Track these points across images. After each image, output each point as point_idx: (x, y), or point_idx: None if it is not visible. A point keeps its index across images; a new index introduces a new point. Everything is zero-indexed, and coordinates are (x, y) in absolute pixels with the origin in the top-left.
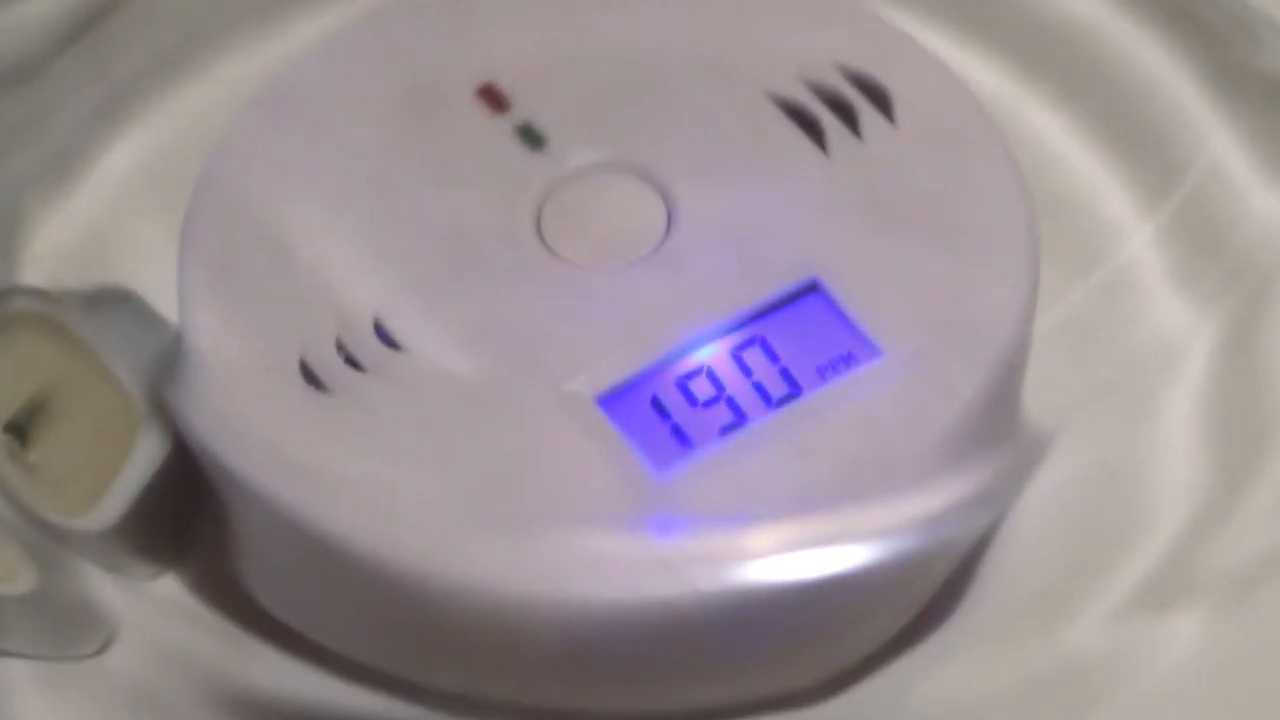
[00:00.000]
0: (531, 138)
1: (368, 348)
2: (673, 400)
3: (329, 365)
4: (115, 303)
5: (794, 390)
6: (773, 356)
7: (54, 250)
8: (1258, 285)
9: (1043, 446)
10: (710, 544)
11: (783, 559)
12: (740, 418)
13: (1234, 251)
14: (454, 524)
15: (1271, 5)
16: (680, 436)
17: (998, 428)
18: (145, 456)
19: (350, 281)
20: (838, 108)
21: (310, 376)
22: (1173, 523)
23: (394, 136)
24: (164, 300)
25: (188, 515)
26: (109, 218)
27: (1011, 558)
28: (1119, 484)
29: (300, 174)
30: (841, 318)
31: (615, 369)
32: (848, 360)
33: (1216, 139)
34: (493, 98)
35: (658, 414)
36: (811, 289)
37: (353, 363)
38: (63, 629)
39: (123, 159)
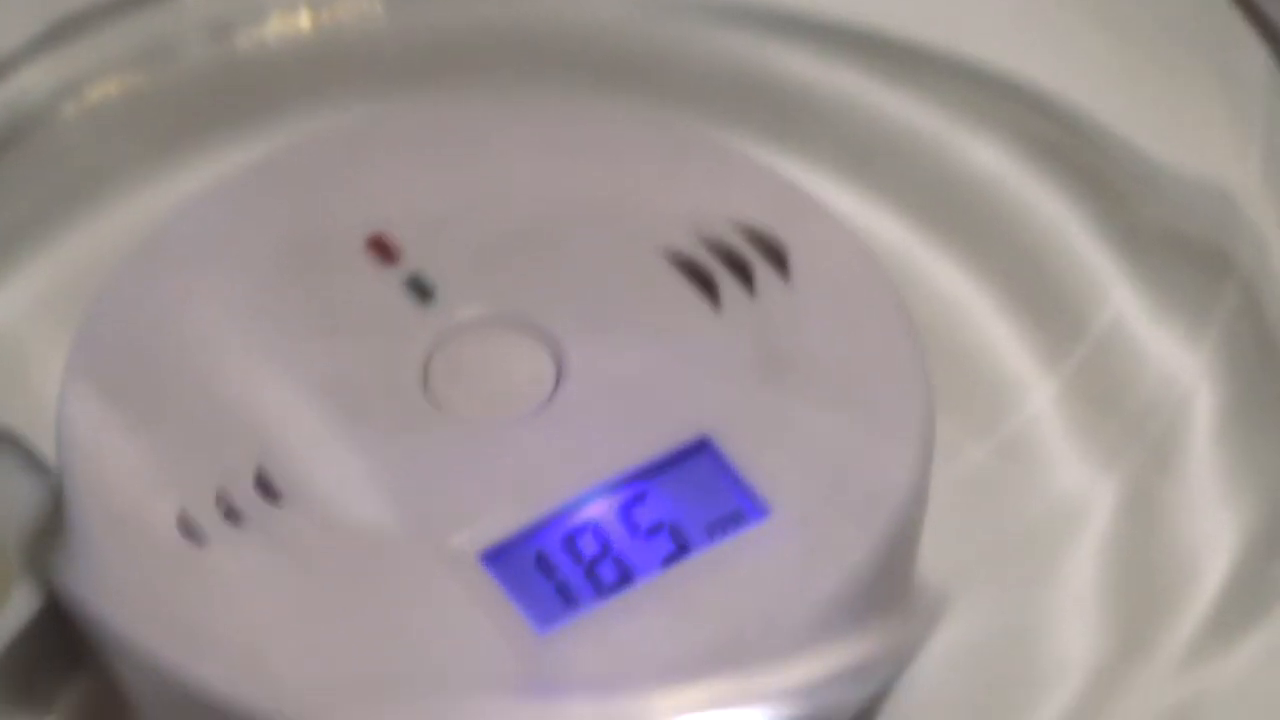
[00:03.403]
0: (421, 290)
1: (248, 500)
2: (558, 557)
3: (208, 518)
4: None
5: (682, 548)
6: (660, 514)
7: None
8: (1158, 442)
9: (936, 612)
10: (594, 706)
11: None
12: (626, 576)
13: (1134, 407)
14: (332, 682)
15: (1173, 158)
16: (565, 595)
17: (890, 591)
18: (16, 610)
19: (232, 433)
20: (732, 264)
21: (189, 529)
22: (1073, 686)
23: (282, 286)
24: (50, 446)
25: (60, 669)
26: None
27: (908, 719)
28: (1019, 645)
29: (185, 322)
30: (731, 476)
31: (499, 525)
32: (736, 519)
33: (1118, 293)
34: (382, 249)
35: (542, 572)
36: (702, 446)
37: (232, 515)
38: None
39: (8, 305)
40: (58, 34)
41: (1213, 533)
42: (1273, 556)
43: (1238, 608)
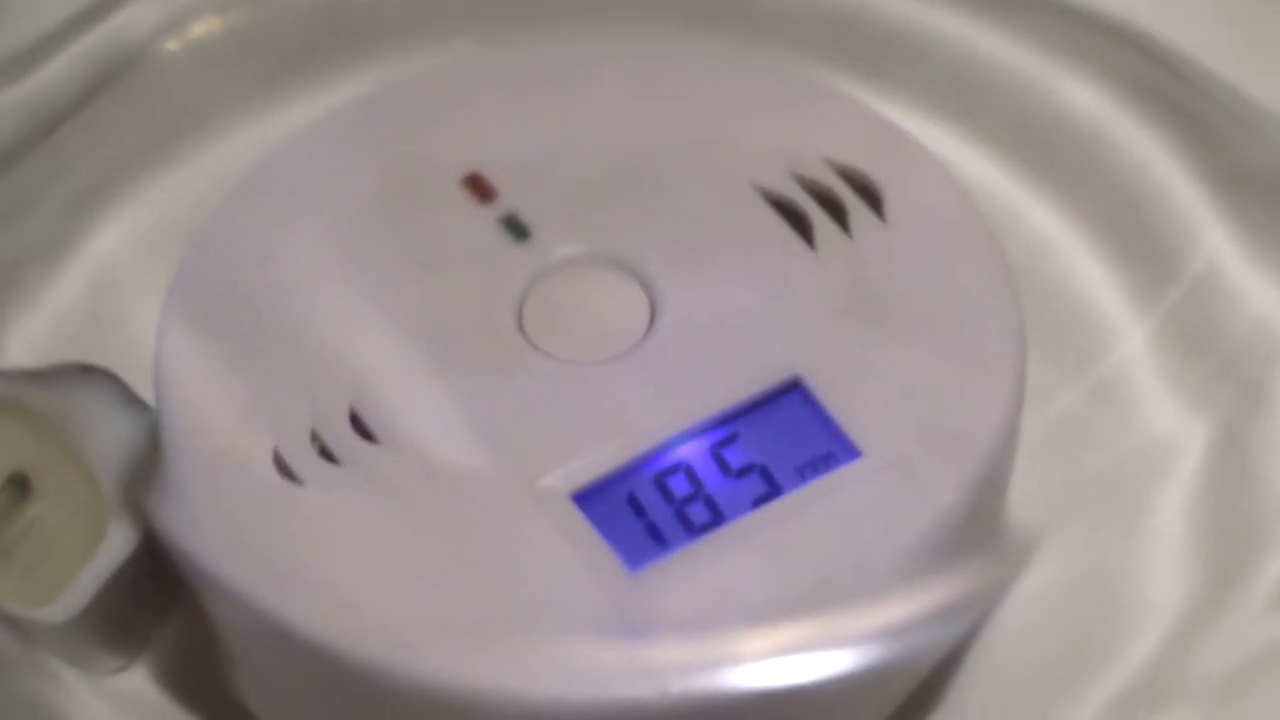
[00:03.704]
0: (516, 229)
1: (343, 440)
2: (649, 498)
3: (303, 457)
4: (94, 386)
5: (772, 489)
6: (752, 455)
7: (39, 334)
8: (1251, 383)
9: (1027, 552)
10: (683, 646)
11: (756, 664)
12: (717, 516)
13: (1227, 350)
14: (424, 622)
15: (1273, 100)
16: (656, 535)
17: (980, 532)
18: (114, 547)
19: (327, 372)
20: (827, 203)
21: (284, 468)
22: (1162, 626)
23: (378, 224)
24: (148, 385)
25: (155, 607)
26: (95, 302)
27: (996, 658)
28: (1108, 586)
29: (281, 261)
30: (823, 417)
31: (592, 466)
32: (828, 460)
33: (1213, 236)
34: (479, 187)
35: (634, 512)
36: (793, 387)
37: (327, 455)
38: None
39: (108, 244)
40: None
41: None
42: None
43: None
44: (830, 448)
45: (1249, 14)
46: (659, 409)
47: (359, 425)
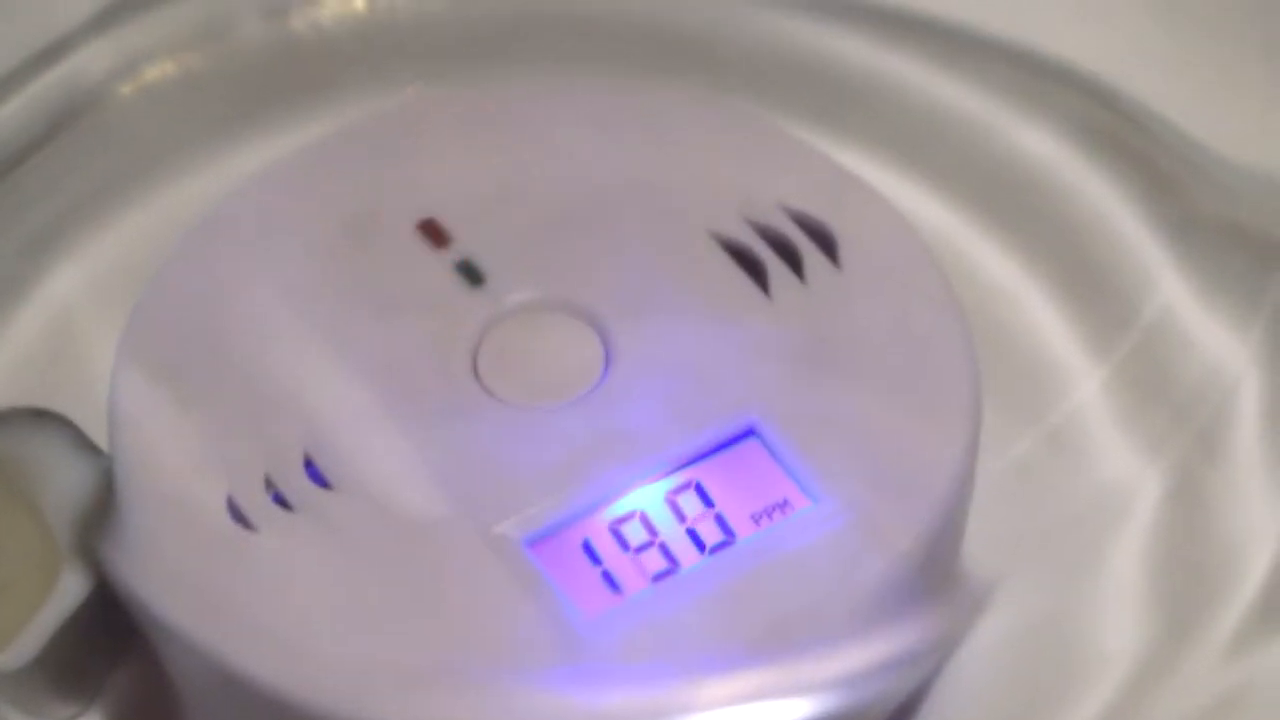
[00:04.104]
0: (471, 274)
1: (297, 486)
2: (604, 545)
3: (257, 503)
4: (47, 431)
5: (728, 537)
6: (707, 502)
7: None
8: (1204, 430)
9: (982, 600)
10: (637, 693)
11: (709, 712)
12: (673, 564)
13: (1181, 396)
14: (378, 668)
15: (1225, 146)
16: (610, 582)
17: (935, 580)
18: (66, 593)
19: (281, 417)
20: (782, 250)
21: (238, 514)
22: (1117, 674)
23: (334, 269)
24: (103, 429)
25: (109, 653)
26: (50, 345)
27: (951, 706)
28: (1063, 634)
29: (236, 306)
30: (778, 464)
31: (546, 512)
32: (783, 507)
33: (1168, 283)
34: (433, 233)
35: (589, 559)
36: (749, 434)
37: (281, 501)
38: None
39: (63, 287)
40: (115, 13)
41: (1258, 522)
42: None
43: None
44: (785, 495)
45: (1203, 60)
46: (614, 455)
47: (313, 471)
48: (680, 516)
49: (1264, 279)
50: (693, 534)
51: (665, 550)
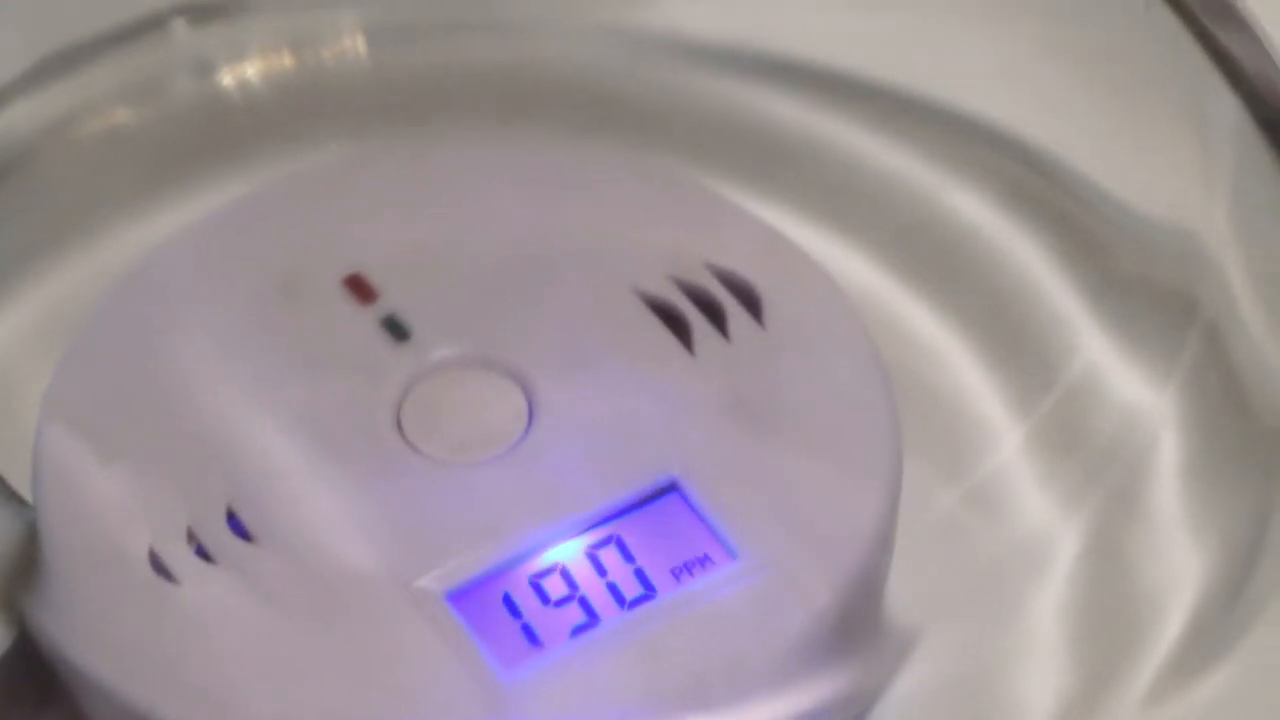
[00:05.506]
0: (396, 330)
1: (219, 539)
2: (524, 599)
3: (179, 556)
4: None
5: (648, 591)
6: (628, 557)
7: None
8: (1122, 485)
9: (902, 653)
10: None
11: None
12: (592, 618)
13: (1099, 451)
14: None
15: (1144, 205)
16: (530, 636)
17: (855, 633)
18: None
19: (205, 471)
20: (706, 307)
21: (160, 567)
22: None
23: (259, 323)
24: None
25: (31, 707)
26: None
27: None
28: (983, 686)
29: (161, 360)
30: (699, 519)
31: (467, 565)
32: (703, 563)
33: (1088, 341)
34: (359, 288)
35: (509, 612)
36: (670, 489)
37: (203, 554)
38: None
39: None
40: (43, 71)
41: (1175, 575)
42: (1234, 598)
43: (1200, 650)
44: (706, 550)
45: (1120, 122)
46: (536, 510)
47: (235, 524)
48: (601, 571)
49: (1180, 335)
50: (613, 588)
51: (585, 604)
